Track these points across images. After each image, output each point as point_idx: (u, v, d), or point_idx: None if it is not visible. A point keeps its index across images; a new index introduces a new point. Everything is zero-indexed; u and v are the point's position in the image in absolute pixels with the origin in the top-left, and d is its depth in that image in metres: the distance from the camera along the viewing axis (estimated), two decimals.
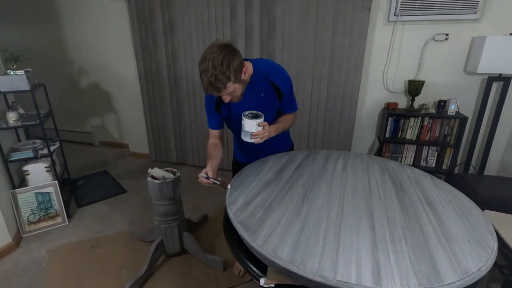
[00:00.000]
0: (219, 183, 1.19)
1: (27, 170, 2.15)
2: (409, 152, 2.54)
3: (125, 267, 1.83)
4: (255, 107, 1.25)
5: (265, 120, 1.20)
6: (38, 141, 2.33)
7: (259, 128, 1.18)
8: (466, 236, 0.86)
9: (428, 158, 2.53)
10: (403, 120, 2.46)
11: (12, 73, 2.04)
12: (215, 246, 2.01)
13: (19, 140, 2.43)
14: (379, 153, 2.56)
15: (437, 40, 2.33)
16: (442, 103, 2.39)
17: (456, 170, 2.51)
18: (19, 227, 2.12)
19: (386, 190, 1.12)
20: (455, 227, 0.90)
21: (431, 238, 0.84)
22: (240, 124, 1.22)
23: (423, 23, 2.32)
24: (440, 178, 1.26)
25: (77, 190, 2.76)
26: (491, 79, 2.22)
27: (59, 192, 2.21)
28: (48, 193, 2.19)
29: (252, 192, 1.09)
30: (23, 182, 2.25)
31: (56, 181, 2.22)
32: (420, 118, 2.43)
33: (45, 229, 2.20)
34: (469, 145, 2.43)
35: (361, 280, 0.69)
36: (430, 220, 0.93)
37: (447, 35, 2.29)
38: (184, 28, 2.78)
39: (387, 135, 2.51)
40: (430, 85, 2.42)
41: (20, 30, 3.64)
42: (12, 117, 2.10)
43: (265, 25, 2.54)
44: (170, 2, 2.73)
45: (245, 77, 1.17)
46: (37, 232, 2.17)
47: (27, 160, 2.16)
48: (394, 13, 2.32)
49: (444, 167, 2.50)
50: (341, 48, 2.42)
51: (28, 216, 2.14)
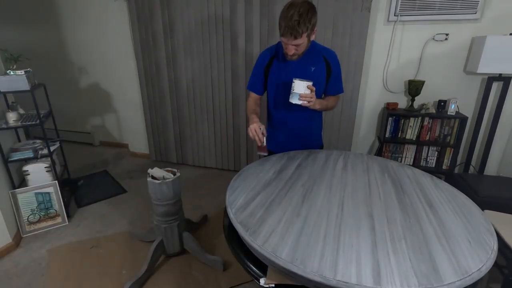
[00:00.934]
0: (262, 144, 1.29)
1: (27, 170, 2.15)
2: (409, 152, 2.54)
3: (125, 267, 1.83)
4: (304, 77, 1.31)
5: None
6: (38, 141, 2.33)
7: (308, 91, 1.28)
8: (466, 236, 0.86)
9: (428, 158, 2.53)
10: (403, 120, 2.46)
11: (12, 73, 2.04)
12: (215, 246, 2.01)
13: (19, 140, 2.43)
14: (379, 153, 2.56)
15: (437, 40, 2.33)
16: (442, 103, 2.39)
17: (456, 170, 2.51)
18: (19, 227, 2.12)
19: (386, 190, 1.12)
20: (455, 227, 0.90)
21: (431, 238, 0.84)
22: (284, 90, 1.39)
23: (423, 23, 2.32)
24: (440, 178, 1.26)
25: (77, 190, 2.76)
26: (491, 79, 2.22)
27: (59, 192, 2.21)
28: (48, 193, 2.19)
29: (252, 192, 1.09)
30: (23, 182, 2.25)
31: (56, 181, 2.22)
32: (420, 118, 2.43)
33: (45, 229, 2.20)
34: (469, 145, 2.43)
35: (361, 280, 0.69)
36: (430, 220, 0.93)
37: (447, 35, 2.29)
38: (184, 28, 2.78)
39: (387, 135, 2.51)
40: (430, 85, 2.42)
41: (20, 30, 3.64)
42: (12, 117, 2.10)
43: (265, 25, 2.54)
44: (170, 2, 2.73)
45: (313, 38, 1.30)
46: (37, 232, 2.17)
47: (27, 160, 2.16)
48: (394, 13, 2.32)
49: (444, 167, 2.50)
50: (341, 48, 2.42)
51: (28, 216, 2.14)
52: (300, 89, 1.27)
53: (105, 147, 3.84)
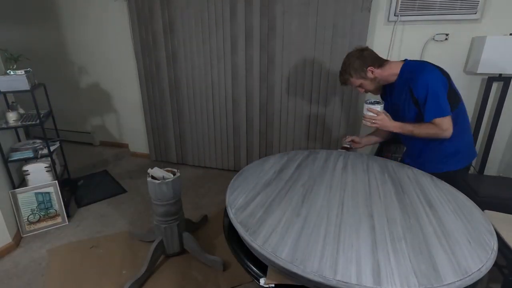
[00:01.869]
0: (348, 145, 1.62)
1: (27, 170, 2.15)
2: None
3: (125, 267, 1.83)
4: (398, 103, 1.47)
5: (403, 120, 1.41)
6: (38, 141, 2.33)
7: (369, 113, 1.38)
8: (466, 236, 0.86)
9: None
10: None
11: (12, 73, 2.04)
12: (215, 246, 2.01)
13: (19, 140, 2.43)
14: (379, 153, 2.56)
15: (437, 40, 2.32)
16: None
17: None
18: (19, 227, 2.12)
19: (386, 190, 1.12)
20: (455, 227, 0.90)
21: (431, 238, 0.84)
22: (389, 109, 1.50)
23: (423, 23, 2.32)
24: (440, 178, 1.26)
25: (77, 190, 2.76)
26: (491, 79, 2.22)
27: (59, 192, 2.21)
28: (48, 193, 2.19)
29: (252, 192, 1.09)
30: (23, 182, 2.25)
31: (56, 181, 2.22)
32: None
33: (45, 229, 2.20)
34: None
35: (361, 280, 0.69)
36: (430, 220, 0.93)
37: (447, 35, 2.29)
38: (184, 28, 2.78)
39: None
40: None
41: (20, 30, 3.64)
42: (12, 117, 2.10)
43: (265, 25, 2.54)
44: (170, 2, 2.73)
45: (373, 75, 1.43)
46: (37, 232, 2.17)
47: (27, 160, 2.16)
48: (394, 13, 2.32)
49: None
50: (341, 48, 2.42)
51: (28, 216, 2.14)
52: (364, 111, 1.41)
53: (105, 147, 3.84)
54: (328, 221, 0.92)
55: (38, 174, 2.18)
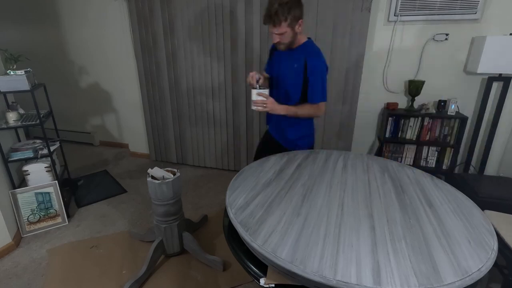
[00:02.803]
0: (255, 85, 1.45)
1: (27, 170, 2.15)
2: (409, 152, 2.54)
3: (125, 267, 1.83)
4: (286, 73, 1.49)
5: (288, 97, 1.50)
6: (38, 141, 2.33)
7: (259, 98, 1.41)
8: (466, 236, 0.86)
9: (428, 158, 2.53)
10: (403, 120, 2.46)
11: (12, 73, 2.04)
12: (215, 246, 2.01)
13: (19, 140, 2.43)
14: (379, 153, 2.56)
15: (437, 40, 2.33)
16: (442, 103, 2.39)
17: (456, 170, 2.51)
18: (19, 227, 2.12)
19: (386, 190, 1.12)
20: (455, 227, 0.90)
21: (431, 238, 0.84)
22: (275, 80, 1.56)
23: (423, 23, 2.32)
24: (440, 178, 1.26)
25: (77, 190, 2.76)
26: (491, 79, 2.22)
27: (59, 192, 2.21)
28: (48, 193, 2.19)
29: (252, 192, 1.09)
30: (23, 182, 2.25)
31: (56, 181, 2.22)
32: (420, 118, 2.43)
33: (45, 229, 2.20)
34: (469, 145, 2.43)
35: (361, 280, 0.69)
36: (430, 220, 0.93)
37: (447, 35, 2.29)
38: (184, 28, 2.78)
39: (387, 135, 2.51)
40: (430, 85, 2.42)
41: (20, 30, 3.64)
42: (12, 117, 2.10)
43: (265, 25, 2.54)
44: (170, 2, 2.73)
45: (299, 30, 1.40)
46: (37, 232, 2.17)
47: (27, 160, 2.16)
48: (394, 13, 2.32)
49: (444, 167, 2.50)
50: (341, 48, 2.42)
51: (28, 216, 2.14)
52: (253, 96, 1.42)
53: (105, 147, 3.84)
54: (328, 221, 0.92)
55: (38, 174, 2.18)
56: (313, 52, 1.45)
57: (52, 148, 2.27)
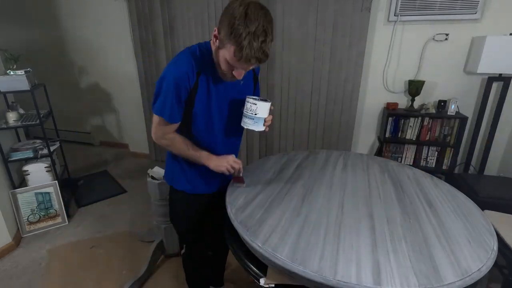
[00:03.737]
0: (240, 174, 1.12)
1: (27, 170, 2.15)
2: (409, 152, 2.54)
3: (125, 267, 1.83)
4: (237, 96, 1.08)
5: (239, 121, 1.06)
6: (38, 141, 2.33)
7: (267, 115, 1.02)
8: (466, 236, 0.86)
9: (428, 158, 2.53)
10: (403, 120, 2.46)
11: (12, 73, 2.04)
12: None
13: (19, 140, 2.43)
14: (379, 153, 2.56)
15: (437, 40, 2.32)
16: (442, 103, 2.38)
17: (456, 170, 2.51)
18: (19, 227, 2.12)
19: (386, 190, 1.12)
20: (455, 227, 0.90)
21: (431, 238, 0.84)
22: (219, 119, 1.08)
23: (423, 23, 2.31)
24: (440, 178, 1.26)
25: (77, 190, 2.76)
26: (491, 79, 2.22)
27: (59, 192, 2.21)
28: (48, 193, 2.19)
29: (252, 192, 1.09)
30: (23, 182, 2.24)
31: (56, 181, 2.22)
32: (420, 118, 2.42)
33: (45, 229, 2.19)
34: (469, 145, 2.43)
35: (361, 280, 0.69)
36: (430, 220, 0.93)
37: (447, 35, 2.29)
38: (184, 28, 2.78)
39: (387, 135, 2.51)
40: (430, 85, 2.42)
41: (20, 30, 3.64)
42: (12, 117, 2.10)
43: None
44: (170, 2, 2.73)
45: None
46: (37, 232, 2.17)
47: (27, 160, 2.16)
48: (394, 13, 2.32)
49: (444, 167, 2.49)
50: (341, 48, 2.42)
51: (28, 216, 2.14)
52: (265, 113, 1.00)
53: (105, 147, 3.84)
54: (328, 221, 0.92)
55: (38, 174, 2.18)
56: None
57: (52, 148, 2.27)
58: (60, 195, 2.22)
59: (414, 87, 2.36)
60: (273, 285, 0.82)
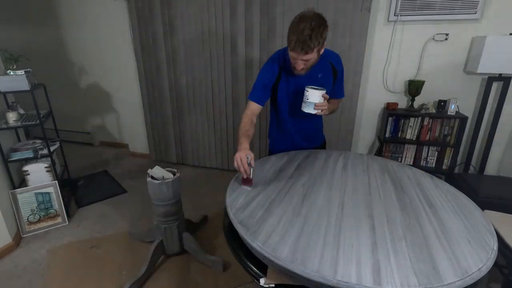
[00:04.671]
0: (249, 176, 1.12)
1: (27, 170, 2.15)
2: (409, 152, 2.54)
3: (125, 268, 1.83)
4: (313, 85, 1.31)
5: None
6: (38, 141, 2.33)
7: (322, 100, 1.26)
8: (466, 236, 0.86)
9: (428, 158, 2.53)
10: (403, 120, 2.46)
11: (12, 73, 2.04)
12: (215, 247, 2.01)
13: (19, 140, 2.43)
14: (379, 153, 2.56)
15: (437, 40, 2.33)
16: (442, 103, 2.38)
17: (456, 170, 2.51)
18: (19, 227, 2.12)
19: (386, 190, 1.12)
20: (455, 227, 0.90)
21: (431, 238, 0.84)
22: (296, 100, 1.38)
23: (423, 23, 2.32)
24: (440, 178, 1.26)
25: (77, 190, 2.76)
26: (491, 79, 2.22)
27: (59, 192, 2.21)
28: (48, 193, 2.19)
29: (252, 192, 1.09)
30: (23, 182, 2.24)
31: (56, 181, 2.22)
32: (420, 118, 2.43)
33: (45, 229, 2.19)
34: (469, 145, 2.43)
35: (361, 280, 0.69)
36: (430, 220, 0.93)
37: (447, 35, 2.29)
38: (184, 28, 2.78)
39: (387, 135, 2.51)
40: (430, 85, 2.42)
41: (20, 30, 3.64)
42: (12, 117, 2.10)
43: (265, 25, 2.54)
44: (170, 2, 2.73)
45: (321, 52, 1.23)
46: (37, 232, 2.17)
47: (27, 160, 2.16)
48: (394, 13, 2.32)
49: (444, 167, 2.50)
50: (341, 48, 2.42)
51: (28, 216, 2.14)
52: (315, 98, 1.24)
53: (105, 147, 3.84)
54: (328, 221, 0.92)
55: (38, 174, 2.18)
56: (330, 52, 1.39)
57: (52, 148, 2.27)
58: (60, 195, 2.22)
59: (414, 87, 2.36)
60: (273, 285, 0.82)
